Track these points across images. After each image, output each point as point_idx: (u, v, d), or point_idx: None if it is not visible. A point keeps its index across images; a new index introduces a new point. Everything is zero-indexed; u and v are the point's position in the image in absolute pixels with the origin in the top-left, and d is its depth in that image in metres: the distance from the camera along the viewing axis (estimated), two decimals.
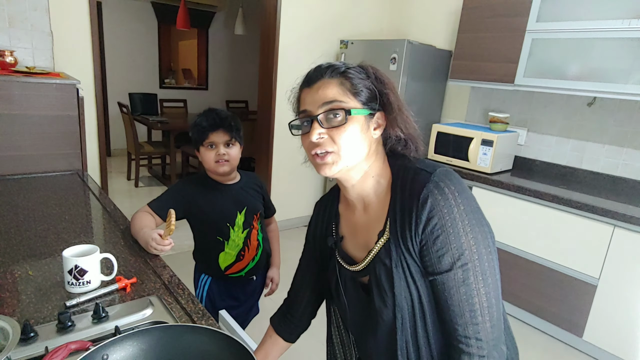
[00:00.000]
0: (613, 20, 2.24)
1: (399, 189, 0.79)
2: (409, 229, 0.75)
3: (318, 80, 0.80)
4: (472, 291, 0.72)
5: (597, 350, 2.34)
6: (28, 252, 1.20)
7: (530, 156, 3.04)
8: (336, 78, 0.79)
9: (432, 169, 0.76)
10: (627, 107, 2.56)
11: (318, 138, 0.77)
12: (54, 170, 2.04)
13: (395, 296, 0.77)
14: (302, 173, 3.91)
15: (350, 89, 0.78)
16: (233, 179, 1.52)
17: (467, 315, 0.72)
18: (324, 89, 0.78)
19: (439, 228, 0.72)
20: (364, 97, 0.79)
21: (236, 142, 1.44)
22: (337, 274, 0.91)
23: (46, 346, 0.79)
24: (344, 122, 0.76)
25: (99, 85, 2.62)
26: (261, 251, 1.57)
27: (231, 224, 1.47)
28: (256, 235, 1.54)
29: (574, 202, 2.28)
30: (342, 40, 3.59)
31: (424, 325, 0.78)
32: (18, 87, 1.88)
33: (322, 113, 0.78)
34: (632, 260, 2.13)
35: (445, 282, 0.73)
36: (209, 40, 6.94)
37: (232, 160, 1.43)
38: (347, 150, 0.77)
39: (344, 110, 0.76)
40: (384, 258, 0.79)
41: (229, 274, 1.51)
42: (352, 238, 0.90)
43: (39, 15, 2.33)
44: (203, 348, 0.75)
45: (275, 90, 3.49)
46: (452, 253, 0.72)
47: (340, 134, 0.77)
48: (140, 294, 1.03)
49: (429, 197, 0.73)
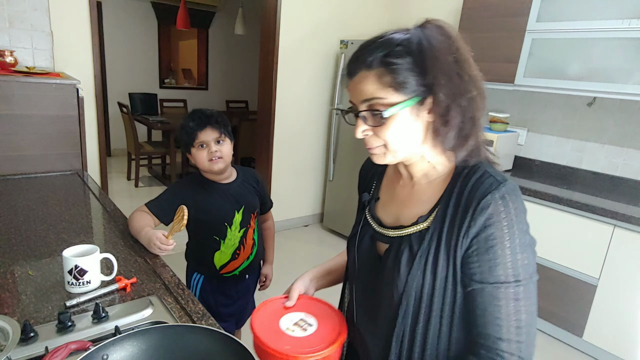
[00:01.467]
0: (613, 20, 2.24)
1: (460, 184, 0.75)
2: (459, 228, 0.72)
3: (357, 71, 0.73)
4: (521, 308, 0.70)
5: (597, 350, 2.34)
6: (28, 252, 1.20)
7: (530, 156, 3.04)
8: (375, 69, 0.71)
9: (502, 179, 0.72)
10: (627, 107, 2.56)
11: (362, 136, 0.75)
12: (54, 170, 2.04)
13: (407, 283, 0.76)
14: (302, 173, 3.91)
15: (391, 82, 0.70)
16: (229, 177, 1.51)
17: (514, 331, 0.70)
18: (363, 84, 0.72)
19: (495, 239, 0.70)
20: (410, 85, 0.70)
21: (226, 138, 1.43)
22: (359, 228, 0.90)
23: (46, 346, 0.78)
24: (383, 122, 0.72)
25: (99, 85, 2.62)
26: (256, 249, 1.57)
27: (229, 224, 1.46)
28: (252, 234, 1.54)
29: (574, 202, 2.28)
30: (342, 40, 3.59)
31: (426, 320, 0.77)
32: (18, 87, 1.88)
33: (364, 111, 0.73)
34: (632, 260, 2.13)
35: (495, 294, 0.70)
36: (209, 40, 6.94)
37: (225, 157, 1.41)
38: (395, 144, 0.74)
39: (382, 109, 0.71)
40: (414, 242, 0.77)
41: (223, 273, 1.51)
42: (387, 203, 0.89)
43: (39, 15, 2.33)
44: (203, 348, 0.75)
45: (275, 90, 3.49)
46: (506, 267, 0.69)
47: (383, 131, 0.73)
48: (140, 294, 1.03)
49: (492, 204, 0.70)
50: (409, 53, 0.70)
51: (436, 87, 0.70)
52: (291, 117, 3.67)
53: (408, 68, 0.69)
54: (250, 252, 1.54)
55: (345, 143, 3.71)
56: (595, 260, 2.26)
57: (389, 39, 0.72)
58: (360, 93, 0.73)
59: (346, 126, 3.67)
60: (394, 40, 0.71)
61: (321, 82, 3.78)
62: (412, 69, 0.70)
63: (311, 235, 3.90)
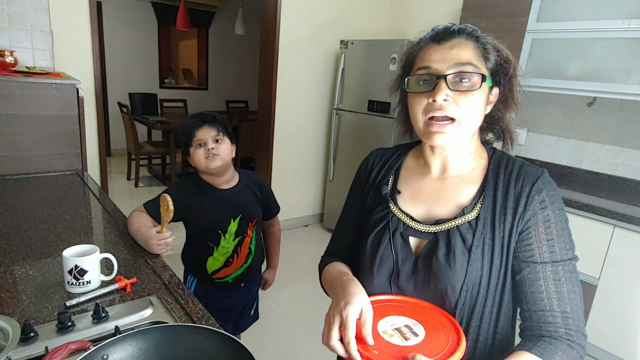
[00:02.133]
0: (613, 20, 2.24)
1: (503, 174, 0.80)
2: (514, 213, 0.75)
3: (451, 38, 0.75)
4: (576, 285, 0.74)
5: (597, 350, 2.34)
6: (28, 252, 1.20)
7: (530, 156, 3.04)
8: (472, 41, 0.76)
9: (540, 168, 0.80)
10: (627, 107, 2.56)
11: (444, 99, 0.73)
12: (54, 170, 2.04)
13: (467, 274, 0.76)
14: (302, 173, 3.91)
15: (482, 55, 0.76)
16: (230, 181, 1.46)
17: (577, 304, 0.73)
18: (459, 49, 0.74)
19: (551, 219, 0.75)
20: (491, 67, 0.77)
21: (225, 137, 1.40)
22: (389, 223, 0.84)
23: (46, 346, 0.78)
24: (476, 87, 0.73)
25: (99, 85, 2.62)
26: (252, 259, 1.52)
27: (223, 231, 1.43)
28: (248, 243, 1.49)
29: (574, 202, 2.28)
30: (342, 40, 3.59)
31: (481, 310, 0.77)
32: (18, 87, 1.88)
33: (453, 74, 0.73)
34: (632, 260, 2.13)
35: (555, 271, 0.73)
36: (209, 40, 6.94)
37: (222, 155, 1.38)
38: (469, 119, 0.75)
39: (480, 75, 0.73)
40: (465, 233, 0.77)
41: (214, 279, 1.48)
42: (414, 198, 0.86)
43: (39, 15, 2.33)
44: (203, 348, 0.75)
45: (275, 90, 3.49)
46: (564, 247, 0.74)
47: (467, 99, 0.73)
48: (140, 294, 1.03)
49: (544, 189, 0.76)
50: (494, 47, 0.78)
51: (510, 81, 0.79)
52: (291, 117, 3.67)
53: (493, 53, 0.77)
54: (244, 261, 1.50)
55: (345, 143, 3.71)
56: (595, 260, 2.26)
57: (480, 33, 0.78)
58: (454, 56, 0.73)
59: (346, 126, 3.67)
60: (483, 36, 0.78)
61: (321, 82, 3.78)
62: (495, 56, 0.77)
63: (311, 235, 3.90)
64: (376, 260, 0.84)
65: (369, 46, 3.38)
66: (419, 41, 0.80)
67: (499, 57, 0.78)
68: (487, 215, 0.78)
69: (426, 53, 0.76)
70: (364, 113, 3.48)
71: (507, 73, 0.79)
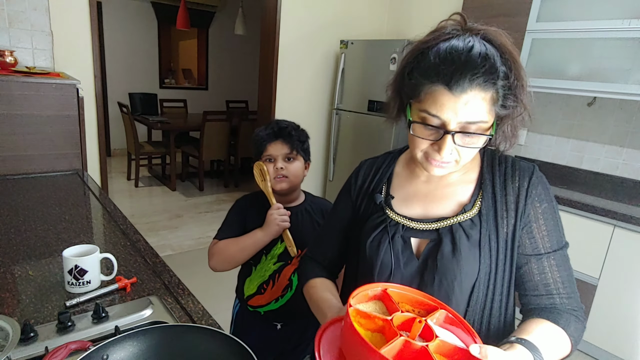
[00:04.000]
0: (613, 20, 2.24)
1: (497, 171, 0.82)
2: (516, 208, 0.78)
3: (467, 89, 0.67)
4: (571, 267, 0.81)
5: (597, 350, 2.34)
6: (28, 252, 1.20)
7: (530, 156, 3.04)
8: (490, 90, 0.69)
9: (531, 163, 0.82)
10: (627, 107, 2.56)
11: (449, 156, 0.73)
12: (54, 170, 2.04)
13: (480, 269, 0.78)
14: None
15: (496, 103, 0.71)
16: (294, 201, 1.32)
17: (573, 287, 0.79)
18: (475, 105, 0.68)
19: (547, 211, 0.79)
20: (501, 110, 0.72)
21: (299, 156, 1.26)
22: (387, 227, 0.84)
23: (46, 346, 0.79)
24: (481, 145, 0.73)
25: (99, 85, 2.62)
26: (291, 295, 1.29)
27: (266, 251, 1.28)
28: (290, 273, 1.29)
29: (574, 202, 2.28)
30: (342, 40, 3.59)
31: (491, 302, 0.80)
32: (18, 87, 1.88)
33: (460, 132, 0.70)
34: (632, 260, 2.13)
35: (557, 259, 0.79)
36: (209, 40, 6.94)
37: (291, 177, 1.24)
38: (468, 159, 0.76)
39: (487, 136, 0.72)
40: (469, 229, 0.79)
41: (249, 305, 1.33)
42: (407, 200, 0.87)
43: (39, 15, 2.33)
44: (203, 348, 0.75)
45: (275, 90, 3.49)
46: (559, 235, 0.80)
47: (469, 151, 0.74)
48: (140, 294, 1.03)
49: (539, 183, 0.79)
50: (509, 70, 0.71)
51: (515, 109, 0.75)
52: (291, 117, 3.62)
53: (509, 92, 0.71)
54: (280, 294, 1.29)
55: (345, 143, 3.71)
56: (595, 260, 2.26)
57: (490, 57, 0.69)
58: (468, 114, 0.68)
59: (346, 126, 3.67)
60: (495, 59, 0.69)
61: (321, 82, 3.78)
62: (511, 92, 0.71)
63: None
64: (377, 265, 0.83)
65: (369, 46, 3.38)
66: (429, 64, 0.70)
67: (513, 96, 0.72)
68: (488, 211, 0.79)
69: (437, 97, 0.69)
70: (364, 113, 3.48)
71: (521, 100, 0.75)
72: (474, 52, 0.68)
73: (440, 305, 0.69)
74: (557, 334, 0.73)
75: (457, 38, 0.71)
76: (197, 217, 4.16)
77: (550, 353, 0.70)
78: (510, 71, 0.71)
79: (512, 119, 0.77)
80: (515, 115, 0.77)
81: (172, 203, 4.51)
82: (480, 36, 0.72)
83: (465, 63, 0.67)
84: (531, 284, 0.80)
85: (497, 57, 0.70)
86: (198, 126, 4.73)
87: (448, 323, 0.67)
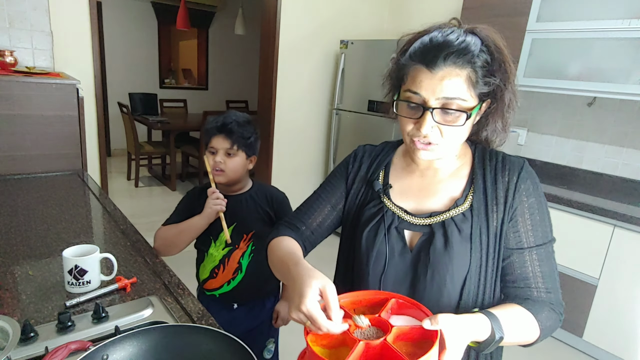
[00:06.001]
0: (613, 20, 2.24)
1: (488, 166, 0.83)
2: (505, 202, 0.79)
3: (443, 66, 0.71)
4: (554, 263, 0.82)
5: (597, 350, 2.34)
6: (28, 252, 1.20)
7: (530, 156, 3.04)
8: (465, 69, 0.72)
9: (521, 158, 0.83)
10: (627, 107, 2.56)
11: (429, 132, 0.74)
12: (54, 170, 2.04)
13: (471, 262, 0.79)
14: (302, 173, 3.91)
15: (474, 84, 0.73)
16: (239, 190, 1.39)
17: (556, 281, 0.82)
18: (450, 81, 0.71)
19: (534, 205, 0.80)
20: (483, 90, 0.74)
21: (239, 152, 1.31)
22: (384, 217, 0.85)
23: (46, 346, 0.78)
24: (460, 123, 0.73)
25: (99, 85, 2.62)
26: (242, 277, 1.36)
27: (213, 237, 1.35)
28: (238, 256, 1.35)
29: (574, 202, 2.28)
30: (342, 40, 3.59)
31: (482, 295, 0.81)
32: (18, 87, 1.88)
33: (439, 108, 0.73)
34: (632, 260, 2.13)
35: (539, 254, 0.80)
36: (209, 40, 6.94)
37: (228, 171, 1.30)
38: (452, 143, 0.77)
39: (465, 113, 0.73)
40: (460, 224, 0.80)
41: (205, 289, 1.40)
42: (404, 192, 0.88)
43: (39, 15, 2.33)
44: (203, 348, 0.75)
45: (275, 90, 3.49)
46: (545, 230, 0.81)
47: (452, 131, 0.75)
48: (140, 294, 1.03)
49: (528, 178, 0.80)
50: (490, 58, 0.74)
51: (504, 92, 0.77)
52: (291, 117, 3.67)
53: (488, 76, 0.74)
54: (231, 277, 1.36)
55: (345, 143, 3.71)
56: (595, 260, 2.26)
57: (469, 41, 0.73)
58: (444, 89, 0.72)
59: (346, 126, 3.67)
60: (475, 43, 0.73)
61: (321, 82, 3.78)
62: (488, 79, 0.74)
63: None
64: (372, 254, 0.84)
65: (369, 46, 3.38)
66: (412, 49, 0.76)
67: (493, 78, 0.74)
68: (479, 205, 0.81)
69: (416, 75, 0.74)
70: (364, 113, 3.48)
71: (502, 90, 0.77)
72: (451, 37, 0.74)
73: (389, 295, 0.73)
74: (525, 316, 0.76)
75: (443, 29, 0.76)
76: None
77: (512, 330, 0.72)
78: (493, 59, 0.74)
79: (501, 111, 0.80)
80: (504, 106, 0.79)
81: (172, 203, 4.47)
82: (466, 30, 0.76)
83: (441, 44, 0.73)
84: (511, 277, 0.81)
85: (479, 44, 0.74)
86: (198, 126, 4.73)
87: (403, 308, 0.71)
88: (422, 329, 0.63)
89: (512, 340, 0.73)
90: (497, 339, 0.69)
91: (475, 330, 0.68)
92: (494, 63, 0.74)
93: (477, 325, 0.69)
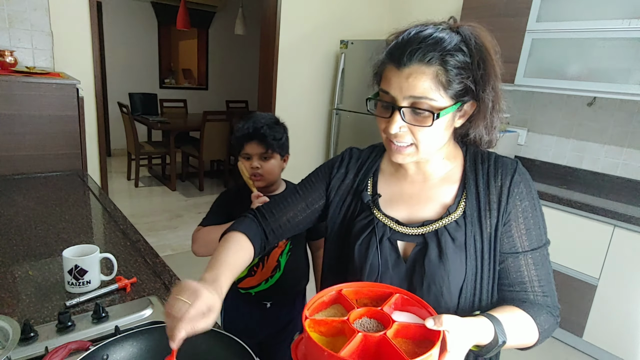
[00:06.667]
0: (613, 20, 2.24)
1: (481, 169, 0.81)
2: (498, 207, 0.77)
3: (410, 63, 0.69)
4: (550, 266, 0.81)
5: (597, 350, 2.34)
6: (28, 252, 1.20)
7: (530, 156, 3.04)
8: (433, 66, 0.68)
9: (514, 159, 0.81)
10: (627, 107, 2.56)
11: (397, 131, 0.73)
12: (54, 170, 2.04)
13: (467, 271, 0.77)
14: (302, 173, 3.90)
15: (444, 83, 0.69)
16: (274, 190, 1.40)
17: (552, 285, 0.80)
18: (415, 79, 0.69)
19: (528, 209, 0.78)
20: (458, 89, 0.71)
21: (274, 154, 1.32)
22: (375, 230, 0.83)
23: (46, 346, 0.78)
24: (427, 124, 0.71)
25: (99, 85, 2.62)
26: (280, 275, 1.37)
27: None
28: (277, 255, 1.36)
29: (574, 202, 2.28)
30: (342, 40, 3.59)
31: (479, 302, 0.80)
32: (18, 87, 1.88)
33: (407, 107, 0.71)
34: (632, 260, 2.13)
35: (534, 257, 0.79)
36: (209, 40, 6.94)
37: (266, 175, 1.31)
38: (427, 145, 0.75)
39: (432, 112, 0.69)
40: (454, 232, 0.78)
41: (240, 288, 1.38)
42: (394, 202, 0.85)
43: (39, 15, 2.33)
44: (203, 348, 0.75)
45: (275, 90, 3.49)
46: (540, 233, 0.79)
47: (422, 131, 0.72)
48: (140, 294, 1.03)
49: (522, 181, 0.78)
50: (468, 54, 0.71)
51: (485, 94, 0.74)
52: (291, 117, 3.65)
53: (462, 74, 0.70)
54: (269, 275, 1.36)
55: (345, 143, 3.71)
56: (595, 260, 2.26)
57: (443, 38, 0.70)
58: (410, 88, 0.70)
59: (346, 126, 3.67)
60: (450, 40, 0.70)
61: (321, 82, 3.78)
62: (464, 76, 0.71)
63: None
64: (365, 268, 0.82)
65: (369, 46, 3.38)
66: (388, 47, 0.76)
67: (471, 75, 0.71)
68: (472, 212, 0.79)
69: (387, 74, 0.73)
70: (364, 113, 3.48)
71: (484, 89, 0.74)
72: (423, 33, 0.71)
73: (395, 290, 0.71)
74: (525, 319, 0.75)
75: (424, 26, 0.74)
76: (197, 217, 4.15)
77: (514, 333, 0.71)
78: (471, 57, 0.71)
79: (483, 114, 0.77)
80: (486, 109, 0.76)
81: (172, 203, 4.51)
82: (449, 27, 0.74)
83: (409, 40, 0.71)
84: (507, 281, 0.80)
85: (455, 42, 0.71)
86: (198, 126, 4.73)
87: (406, 305, 0.70)
88: (424, 328, 0.62)
89: (513, 344, 0.73)
90: (500, 343, 0.68)
91: (479, 334, 0.67)
92: (472, 62, 0.71)
93: (481, 329, 0.67)
